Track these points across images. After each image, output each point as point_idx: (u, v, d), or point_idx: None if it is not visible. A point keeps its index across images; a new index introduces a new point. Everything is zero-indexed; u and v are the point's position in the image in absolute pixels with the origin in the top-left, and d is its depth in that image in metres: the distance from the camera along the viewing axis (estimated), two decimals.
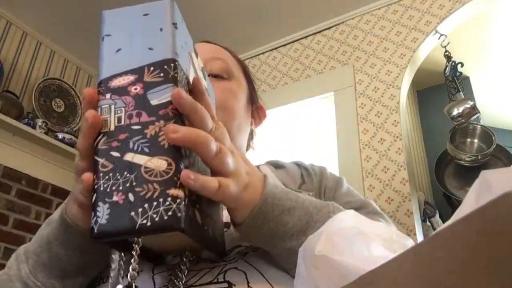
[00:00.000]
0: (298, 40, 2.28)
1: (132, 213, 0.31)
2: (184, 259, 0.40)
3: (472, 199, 0.19)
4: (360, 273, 0.20)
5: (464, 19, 1.93)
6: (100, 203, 0.31)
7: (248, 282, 0.40)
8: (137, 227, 0.30)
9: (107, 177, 0.32)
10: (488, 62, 2.64)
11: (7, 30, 2.22)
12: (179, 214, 0.31)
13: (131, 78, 0.35)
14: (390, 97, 1.83)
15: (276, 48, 2.34)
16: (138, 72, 0.35)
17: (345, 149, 1.83)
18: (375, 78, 1.92)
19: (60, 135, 2.21)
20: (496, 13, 2.28)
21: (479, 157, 2.11)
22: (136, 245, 0.33)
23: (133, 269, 0.33)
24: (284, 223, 0.40)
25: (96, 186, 0.32)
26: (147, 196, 0.31)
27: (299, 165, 0.65)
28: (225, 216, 0.44)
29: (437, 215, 2.11)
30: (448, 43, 1.95)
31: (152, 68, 0.35)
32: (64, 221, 0.41)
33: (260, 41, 2.34)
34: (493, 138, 2.12)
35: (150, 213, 0.30)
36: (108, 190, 0.31)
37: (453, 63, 2.05)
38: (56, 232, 0.43)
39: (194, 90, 0.37)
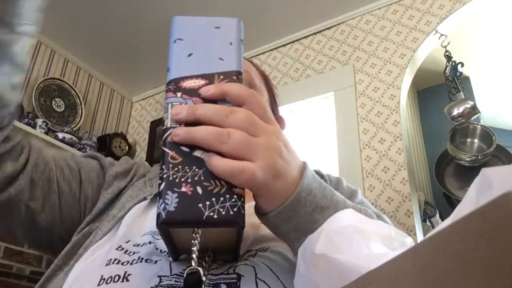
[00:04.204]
0: (298, 40, 2.28)
1: (200, 205, 0.33)
2: (207, 257, 0.41)
3: (472, 198, 0.19)
4: (360, 272, 0.20)
5: (464, 19, 1.93)
6: (169, 192, 0.33)
7: (256, 274, 0.41)
8: (204, 218, 0.32)
9: (176, 168, 0.34)
10: (488, 62, 2.63)
11: None
12: (242, 211, 0.33)
13: (201, 82, 0.38)
14: (390, 97, 1.83)
15: (276, 48, 2.34)
16: (209, 78, 0.38)
17: (345, 149, 1.83)
18: (375, 78, 1.92)
19: (61, 135, 2.22)
20: (496, 13, 2.28)
21: (479, 157, 2.11)
22: (198, 235, 0.34)
23: (197, 256, 0.35)
24: (315, 220, 0.38)
25: (164, 176, 0.34)
26: (214, 191, 0.33)
27: (316, 172, 0.65)
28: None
29: (437, 215, 2.11)
30: (448, 43, 1.95)
31: (222, 77, 0.38)
32: None
33: (260, 41, 2.34)
34: (494, 138, 2.12)
35: (217, 206, 0.33)
36: (177, 180, 0.33)
37: (453, 63, 2.05)
38: None
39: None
